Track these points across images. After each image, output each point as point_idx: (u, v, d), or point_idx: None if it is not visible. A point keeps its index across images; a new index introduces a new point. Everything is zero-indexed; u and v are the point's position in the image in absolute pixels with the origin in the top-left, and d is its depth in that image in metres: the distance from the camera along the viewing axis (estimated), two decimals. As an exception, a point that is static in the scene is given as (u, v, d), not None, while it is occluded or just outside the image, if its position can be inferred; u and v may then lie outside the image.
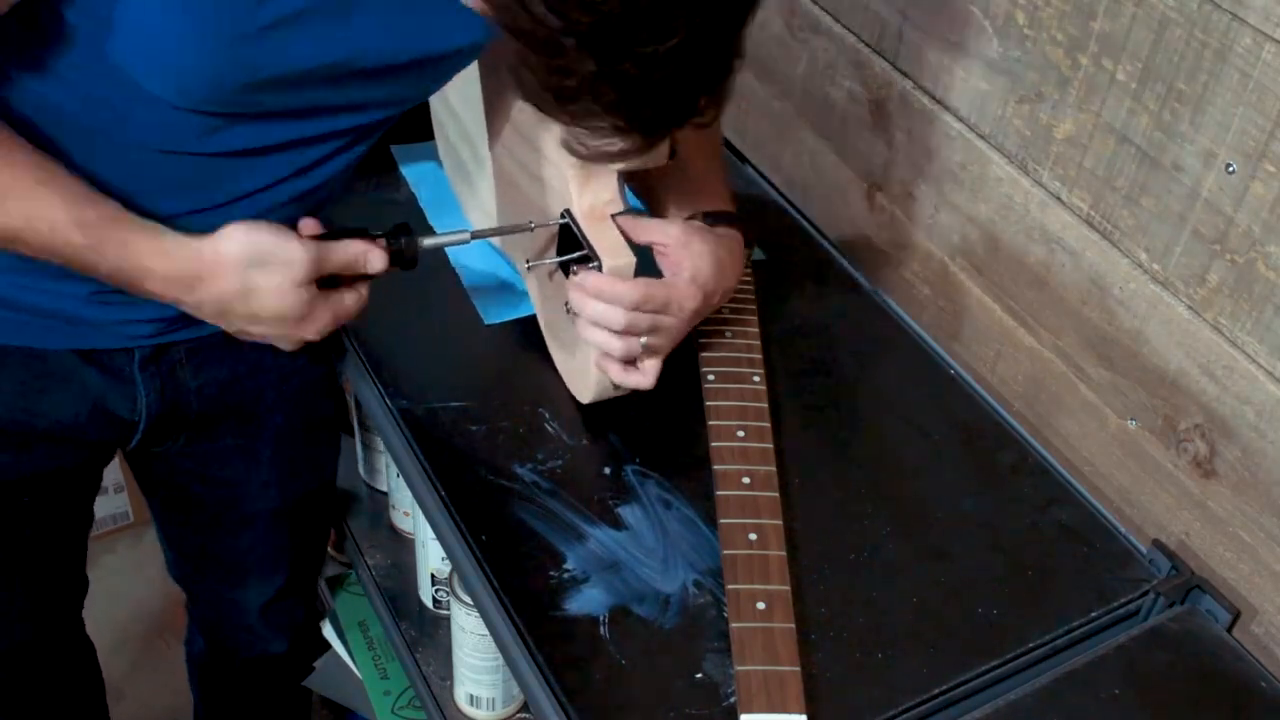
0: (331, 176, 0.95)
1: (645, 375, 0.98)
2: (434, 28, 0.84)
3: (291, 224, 0.90)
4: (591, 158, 0.76)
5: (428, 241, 0.93)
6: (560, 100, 0.69)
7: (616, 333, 0.94)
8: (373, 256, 0.90)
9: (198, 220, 0.87)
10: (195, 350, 1.05)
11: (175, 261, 0.85)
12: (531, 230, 0.99)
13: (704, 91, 0.71)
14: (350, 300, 0.92)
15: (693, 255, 0.96)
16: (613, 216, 0.96)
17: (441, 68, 0.91)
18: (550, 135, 0.97)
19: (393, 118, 0.95)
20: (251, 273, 0.86)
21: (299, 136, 0.90)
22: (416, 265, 0.93)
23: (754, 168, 1.41)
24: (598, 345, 0.96)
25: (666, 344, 0.98)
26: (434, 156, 1.28)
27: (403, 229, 0.92)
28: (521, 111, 1.00)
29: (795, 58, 1.30)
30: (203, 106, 0.84)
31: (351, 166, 0.97)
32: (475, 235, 0.96)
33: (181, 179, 0.87)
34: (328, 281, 0.90)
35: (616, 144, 0.73)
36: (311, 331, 0.91)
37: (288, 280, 0.86)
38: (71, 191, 0.82)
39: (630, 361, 0.98)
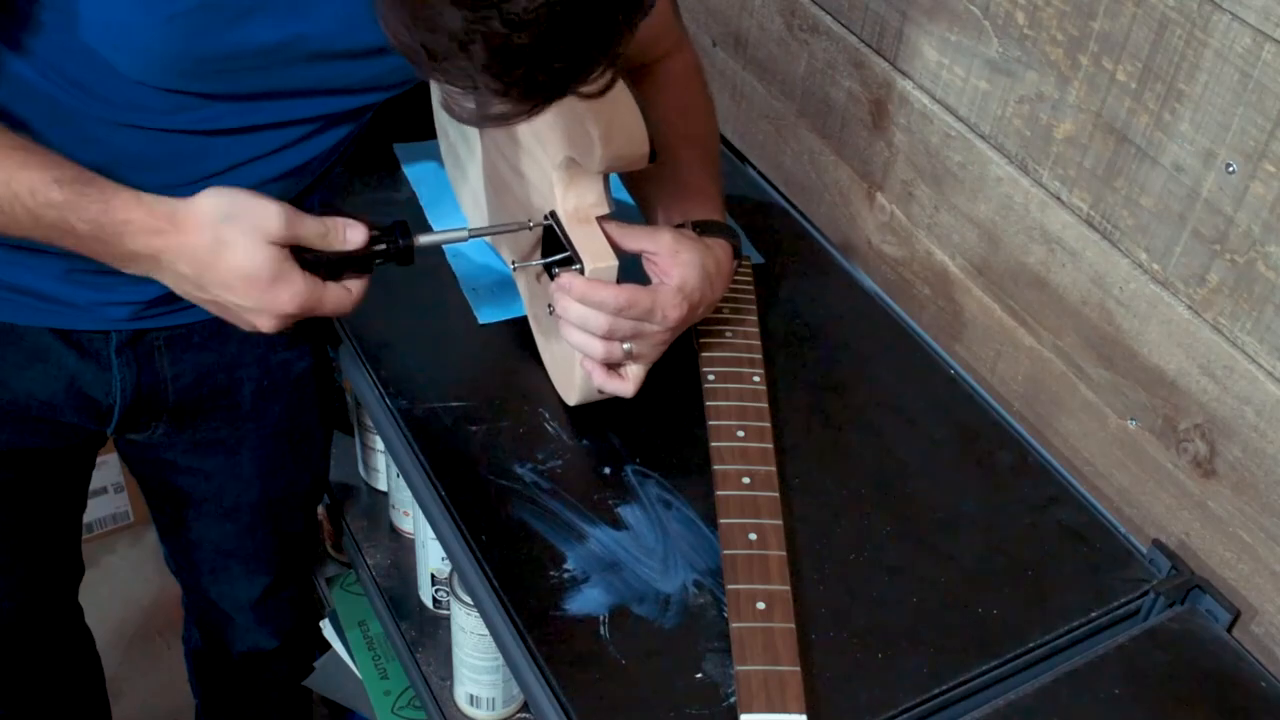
0: (308, 161, 0.95)
1: (627, 382, 0.98)
2: None
3: None
4: (470, 121, 0.73)
5: (424, 238, 0.92)
6: (432, 58, 0.66)
7: (599, 337, 0.94)
8: (352, 232, 0.87)
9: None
10: (173, 338, 1.05)
11: (153, 213, 0.83)
12: (530, 229, 0.99)
13: (584, 58, 0.68)
14: (335, 293, 0.87)
15: (681, 265, 0.96)
16: (599, 220, 0.96)
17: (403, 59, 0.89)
18: (536, 136, 0.98)
19: (369, 106, 0.95)
20: (223, 226, 0.82)
21: (269, 120, 0.90)
22: (413, 261, 0.92)
23: (754, 168, 1.41)
24: (579, 348, 0.96)
25: (650, 352, 0.97)
26: (436, 156, 1.28)
27: (400, 226, 0.92)
28: None
29: (795, 58, 1.30)
30: (163, 83, 0.84)
31: (331, 154, 0.97)
32: (473, 233, 0.95)
33: (151, 155, 0.87)
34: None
35: (495, 107, 0.70)
36: (288, 303, 0.84)
37: (258, 234, 0.83)
38: (50, 156, 0.82)
39: (614, 367, 0.98)
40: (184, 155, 0.89)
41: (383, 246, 0.90)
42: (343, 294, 0.88)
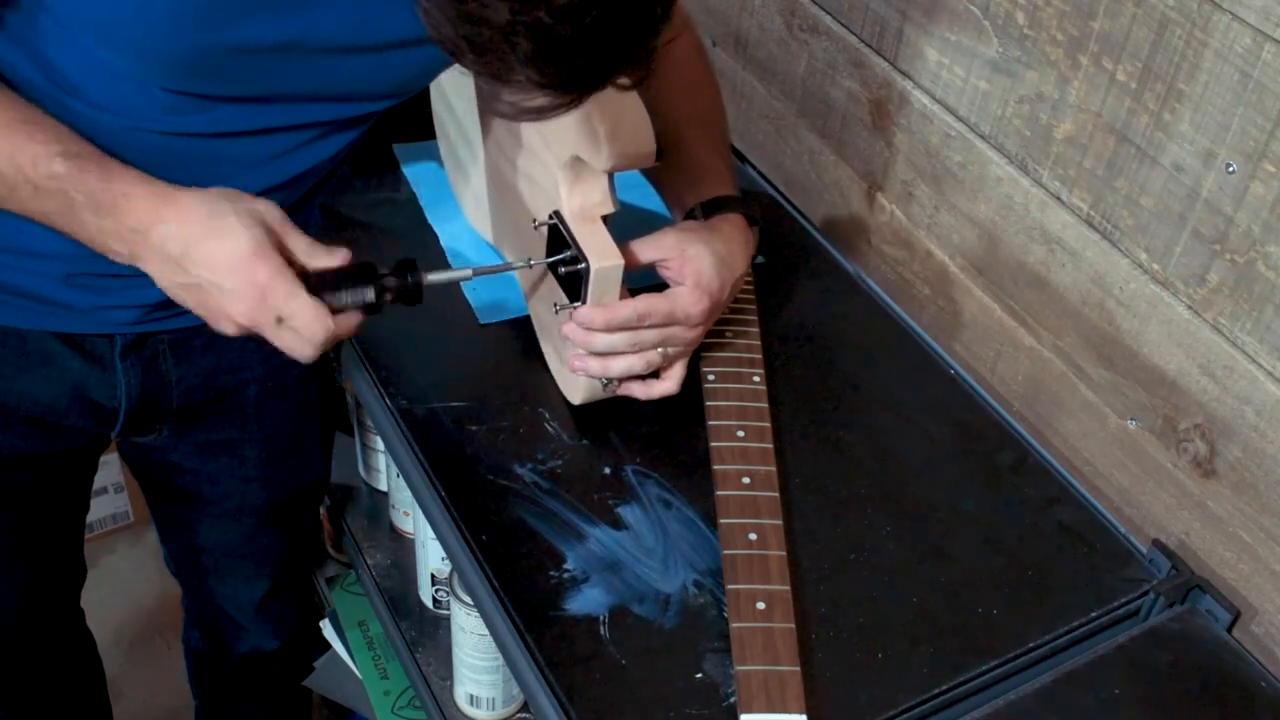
0: (311, 168, 0.95)
1: (668, 381, 1.00)
2: (397, 11, 0.82)
3: None
4: (510, 115, 0.73)
5: (432, 277, 0.92)
6: (475, 50, 0.66)
7: (632, 354, 0.96)
8: (335, 254, 0.86)
9: None
10: (177, 342, 1.05)
11: (153, 190, 0.83)
12: (529, 268, 0.99)
13: (626, 50, 0.68)
14: (341, 322, 0.86)
15: (691, 260, 0.96)
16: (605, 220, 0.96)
17: (409, 57, 0.88)
18: (541, 135, 0.98)
19: (374, 113, 0.95)
20: (220, 204, 0.83)
21: (271, 125, 0.90)
22: (422, 300, 0.91)
23: (754, 168, 1.41)
24: (622, 373, 0.97)
25: (686, 349, 0.99)
26: (436, 156, 1.28)
27: (408, 265, 0.91)
28: None
29: (795, 58, 1.30)
30: (164, 82, 0.84)
31: (334, 160, 0.97)
32: (477, 272, 0.95)
33: (151, 159, 0.87)
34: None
35: (537, 100, 0.70)
36: (265, 281, 0.83)
37: (253, 216, 0.83)
38: (58, 130, 0.83)
39: (654, 372, 0.99)
40: (186, 160, 0.89)
41: (389, 297, 0.90)
42: (322, 311, 0.85)
